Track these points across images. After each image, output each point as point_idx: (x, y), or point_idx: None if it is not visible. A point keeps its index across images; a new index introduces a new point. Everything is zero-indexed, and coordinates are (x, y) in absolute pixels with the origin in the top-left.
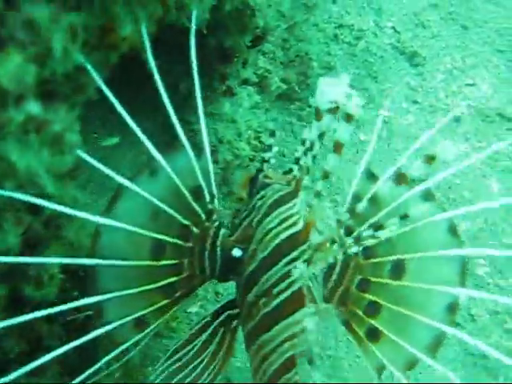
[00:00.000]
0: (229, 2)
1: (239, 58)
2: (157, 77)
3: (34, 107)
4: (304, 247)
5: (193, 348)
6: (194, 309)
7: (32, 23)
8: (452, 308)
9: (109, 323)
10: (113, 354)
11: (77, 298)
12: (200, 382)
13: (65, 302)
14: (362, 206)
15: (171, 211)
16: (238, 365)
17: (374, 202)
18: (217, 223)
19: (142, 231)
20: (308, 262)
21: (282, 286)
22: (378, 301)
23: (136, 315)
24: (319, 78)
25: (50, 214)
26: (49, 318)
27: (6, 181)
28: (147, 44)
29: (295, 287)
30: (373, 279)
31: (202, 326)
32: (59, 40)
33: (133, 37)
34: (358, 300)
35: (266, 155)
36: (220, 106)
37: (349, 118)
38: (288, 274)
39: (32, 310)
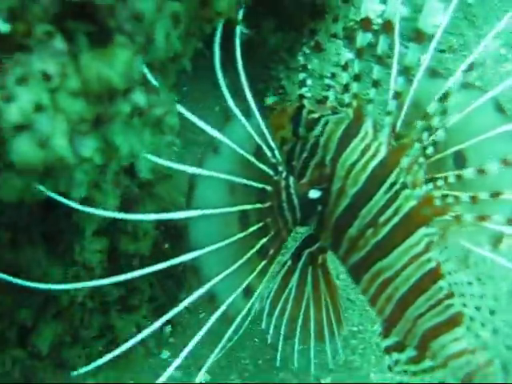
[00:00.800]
0: None
1: (330, 14)
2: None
3: (140, 98)
4: (397, 170)
5: (288, 296)
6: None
7: (139, 15)
8: None
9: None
10: (232, 328)
11: (167, 251)
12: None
13: (156, 256)
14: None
15: (244, 180)
16: None
17: (415, 103)
18: (284, 174)
19: (225, 210)
20: (406, 184)
21: (389, 213)
22: (453, 193)
23: (244, 285)
24: None
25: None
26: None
27: (110, 164)
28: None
29: (404, 211)
30: (439, 175)
31: (286, 272)
32: (162, 29)
33: (227, 11)
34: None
35: (302, 91)
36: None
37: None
38: (392, 201)
39: (127, 262)
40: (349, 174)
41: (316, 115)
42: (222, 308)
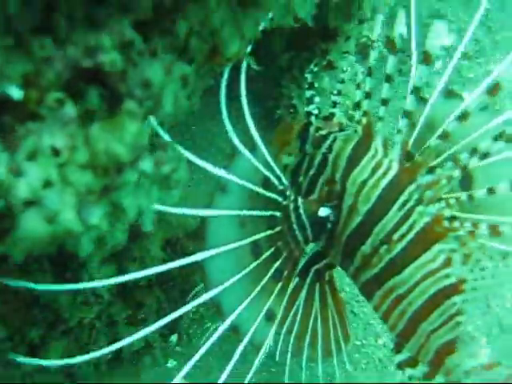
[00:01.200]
0: None
1: (341, 37)
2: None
3: (147, 165)
4: (412, 188)
5: (297, 313)
6: None
7: (148, 81)
8: None
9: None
10: (260, 356)
11: (174, 274)
12: (332, 346)
13: (161, 279)
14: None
15: (254, 213)
16: None
17: (428, 123)
18: (292, 197)
19: (236, 245)
20: (421, 200)
21: (403, 230)
22: (460, 215)
23: (264, 311)
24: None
25: None
26: (150, 285)
27: (118, 222)
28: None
29: (418, 228)
30: (445, 196)
31: (294, 289)
32: (171, 93)
33: (237, 56)
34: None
35: (310, 108)
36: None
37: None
38: (405, 218)
39: (134, 283)
40: (360, 191)
41: (324, 132)
42: (246, 339)
